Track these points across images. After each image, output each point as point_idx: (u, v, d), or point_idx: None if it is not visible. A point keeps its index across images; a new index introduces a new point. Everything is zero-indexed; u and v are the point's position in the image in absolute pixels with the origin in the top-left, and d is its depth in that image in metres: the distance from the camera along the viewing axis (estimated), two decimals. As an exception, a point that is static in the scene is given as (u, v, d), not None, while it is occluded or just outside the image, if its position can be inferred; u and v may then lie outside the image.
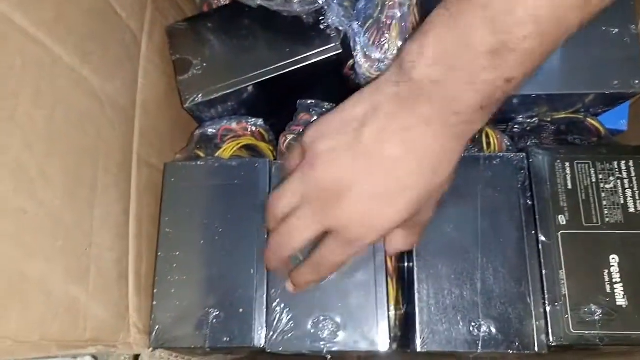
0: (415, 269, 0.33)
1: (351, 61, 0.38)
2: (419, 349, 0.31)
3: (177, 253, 0.35)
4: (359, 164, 0.26)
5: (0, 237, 0.24)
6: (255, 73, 0.39)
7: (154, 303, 0.34)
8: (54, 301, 0.27)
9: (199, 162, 0.37)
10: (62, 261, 0.28)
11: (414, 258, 0.33)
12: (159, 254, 0.35)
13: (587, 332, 0.31)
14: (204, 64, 0.40)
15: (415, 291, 0.33)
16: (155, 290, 0.34)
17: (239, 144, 0.39)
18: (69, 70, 0.30)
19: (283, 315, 0.33)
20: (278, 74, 0.39)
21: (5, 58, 0.25)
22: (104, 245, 0.32)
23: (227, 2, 0.43)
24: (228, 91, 0.39)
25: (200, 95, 0.39)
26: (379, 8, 0.36)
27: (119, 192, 0.34)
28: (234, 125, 0.41)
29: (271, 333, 0.33)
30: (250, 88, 0.39)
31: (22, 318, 0.25)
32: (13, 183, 0.25)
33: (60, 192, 0.28)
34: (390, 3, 0.35)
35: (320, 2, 0.35)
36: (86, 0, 0.32)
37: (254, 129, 0.41)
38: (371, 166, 0.26)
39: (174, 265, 0.35)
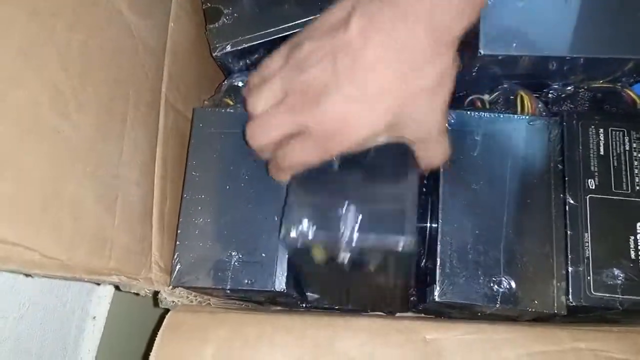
0: (440, 221, 0.33)
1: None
2: (437, 299, 0.31)
3: (202, 196, 0.35)
4: (342, 65, 0.26)
5: (35, 154, 0.25)
6: (284, 26, 0.39)
7: (177, 243, 0.34)
8: (84, 224, 0.27)
9: (228, 110, 0.37)
10: (92, 187, 0.28)
11: (439, 210, 0.33)
12: (184, 195, 0.35)
13: (607, 295, 0.31)
14: (234, 14, 0.40)
15: (439, 243, 0.33)
16: (179, 231, 0.35)
17: (266, 95, 0.39)
18: (107, 2, 0.30)
19: None
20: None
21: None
22: (131, 179, 0.32)
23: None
24: (257, 42, 0.39)
25: (229, 45, 0.39)
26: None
27: (147, 130, 0.34)
28: (262, 77, 0.41)
29: None
30: (279, 41, 0.39)
31: (52, 236, 0.25)
32: (49, 101, 0.25)
33: (93, 119, 0.28)
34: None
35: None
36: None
37: (282, 82, 0.41)
38: (354, 69, 0.26)
39: (199, 207, 0.35)
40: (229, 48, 0.39)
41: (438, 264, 0.32)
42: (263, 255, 0.34)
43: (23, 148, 0.24)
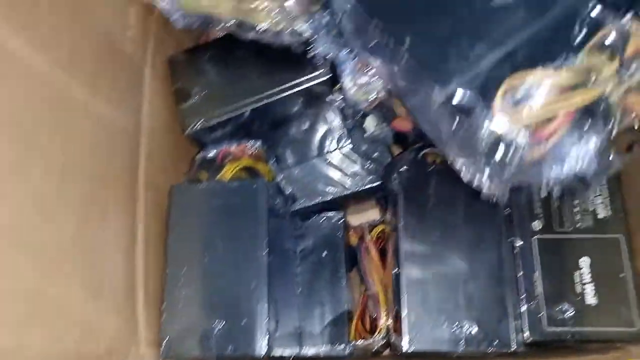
0: (403, 275, 0.36)
1: (337, 86, 0.42)
2: (404, 349, 0.34)
3: (184, 269, 0.38)
4: None
5: (23, 261, 0.27)
6: (250, 100, 0.42)
7: (163, 317, 0.37)
8: (72, 317, 0.30)
9: (201, 185, 0.40)
10: (78, 280, 0.31)
11: (401, 264, 0.36)
12: (167, 270, 0.38)
13: (559, 329, 0.34)
14: (203, 92, 0.43)
15: (404, 293, 0.36)
16: (163, 305, 0.37)
17: (238, 166, 0.43)
18: (82, 103, 0.33)
19: None
20: (272, 100, 0.42)
21: (27, 97, 0.28)
22: (115, 263, 0.35)
23: (223, 35, 0.46)
24: (225, 117, 0.42)
25: (199, 122, 0.42)
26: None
27: (127, 212, 0.37)
28: (233, 148, 0.44)
29: None
30: (246, 114, 0.43)
31: (43, 333, 0.28)
32: (34, 209, 0.28)
33: (76, 216, 0.31)
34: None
35: (308, 33, 0.39)
36: (96, 39, 0.36)
37: (252, 150, 0.45)
38: None
39: (182, 280, 0.38)
40: (199, 125, 0.42)
41: (404, 314, 0.35)
42: (244, 321, 0.36)
43: (7, 256, 0.26)
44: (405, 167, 0.40)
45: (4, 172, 0.26)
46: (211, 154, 0.44)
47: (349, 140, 0.49)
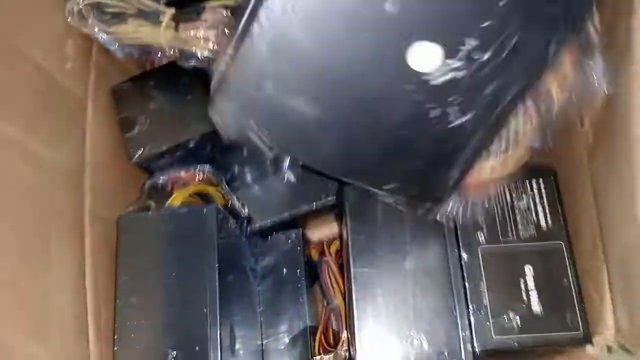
0: (352, 291, 0.37)
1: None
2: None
3: (135, 300, 0.38)
4: None
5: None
6: (196, 126, 0.42)
7: (115, 349, 0.36)
8: (16, 361, 0.29)
9: (150, 213, 0.40)
10: (21, 323, 0.30)
11: (351, 280, 0.37)
12: (117, 301, 0.38)
13: (507, 337, 0.35)
14: (149, 120, 0.43)
15: (353, 310, 0.36)
16: (115, 337, 0.37)
17: (188, 191, 0.42)
18: (18, 146, 0.33)
19: None
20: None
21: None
22: (62, 302, 0.34)
23: (168, 61, 0.46)
24: (172, 144, 0.42)
25: (145, 150, 0.42)
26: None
27: (73, 250, 0.37)
28: (182, 173, 0.44)
29: None
30: (194, 140, 0.43)
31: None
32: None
33: (15, 262, 0.31)
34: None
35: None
36: (32, 77, 0.35)
37: (202, 175, 0.45)
38: None
39: (132, 311, 0.37)
40: (145, 153, 0.42)
41: (356, 329, 0.36)
42: (197, 348, 0.36)
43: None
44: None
45: None
46: (160, 180, 0.44)
47: (303, 157, 0.50)
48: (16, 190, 0.32)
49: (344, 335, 0.42)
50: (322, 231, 0.54)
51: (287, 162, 0.32)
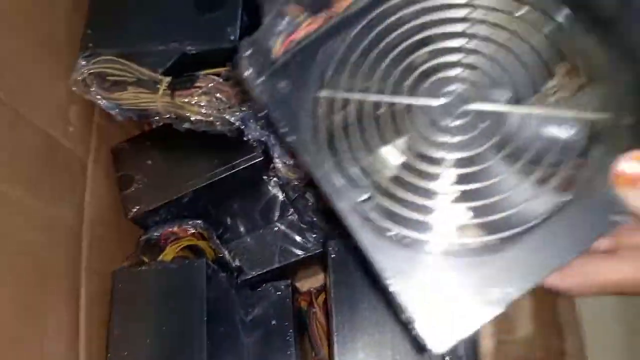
0: (335, 343, 0.38)
1: (272, 165, 0.45)
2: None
3: (126, 353, 0.39)
4: None
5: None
6: (190, 182, 0.45)
7: (105, 403, 0.38)
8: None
9: (143, 268, 0.42)
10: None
11: (332, 332, 0.38)
12: (109, 355, 0.39)
13: None
14: (145, 178, 0.46)
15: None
16: (106, 390, 0.38)
17: (180, 246, 0.45)
18: (20, 205, 0.35)
19: None
20: (210, 181, 0.45)
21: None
22: (57, 354, 0.36)
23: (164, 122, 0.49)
24: (166, 200, 0.45)
25: (141, 207, 0.44)
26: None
27: (69, 303, 0.38)
28: (175, 228, 0.46)
29: None
30: (188, 196, 0.45)
31: None
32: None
33: (11, 315, 0.33)
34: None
35: (237, 123, 0.42)
36: (35, 141, 0.38)
37: (194, 230, 0.47)
38: None
39: (123, 364, 0.39)
40: (141, 210, 0.45)
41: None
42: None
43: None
44: (335, 238, 0.43)
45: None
46: (155, 235, 0.46)
47: (291, 211, 0.52)
48: (17, 246, 0.34)
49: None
50: (311, 282, 0.56)
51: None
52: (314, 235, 0.52)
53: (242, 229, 0.53)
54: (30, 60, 0.39)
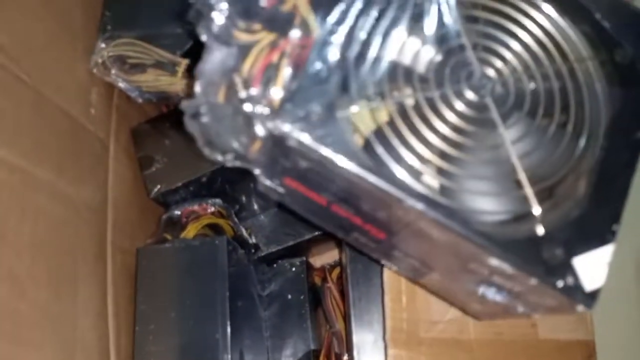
0: (352, 317, 0.40)
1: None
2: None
3: (152, 326, 0.41)
4: None
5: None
6: (208, 162, 0.46)
7: (135, 373, 0.40)
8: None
9: (166, 245, 0.44)
10: (51, 347, 0.34)
11: (351, 307, 0.40)
12: (137, 328, 0.41)
13: None
14: (165, 158, 0.47)
15: (352, 335, 0.39)
16: (135, 361, 0.40)
17: (201, 224, 0.46)
18: (48, 186, 0.37)
19: None
20: (228, 161, 0.46)
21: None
22: (87, 327, 0.38)
23: (182, 103, 0.50)
24: (187, 180, 0.46)
25: (162, 186, 0.46)
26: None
27: (97, 279, 0.40)
28: (195, 207, 0.48)
29: None
30: (206, 175, 0.46)
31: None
32: (7, 288, 0.31)
33: (46, 290, 0.34)
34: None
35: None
36: (59, 123, 0.39)
37: (213, 208, 0.48)
38: None
39: (150, 337, 0.41)
40: (163, 189, 0.46)
41: (356, 355, 0.39)
42: (211, 371, 0.39)
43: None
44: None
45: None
46: (176, 213, 0.47)
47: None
48: (46, 226, 0.35)
49: (346, 358, 0.45)
50: (325, 257, 0.57)
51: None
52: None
53: (257, 207, 0.54)
54: (50, 43, 0.40)
